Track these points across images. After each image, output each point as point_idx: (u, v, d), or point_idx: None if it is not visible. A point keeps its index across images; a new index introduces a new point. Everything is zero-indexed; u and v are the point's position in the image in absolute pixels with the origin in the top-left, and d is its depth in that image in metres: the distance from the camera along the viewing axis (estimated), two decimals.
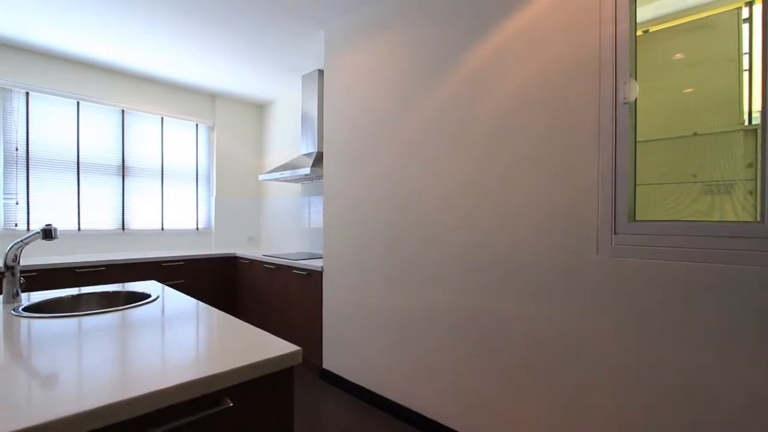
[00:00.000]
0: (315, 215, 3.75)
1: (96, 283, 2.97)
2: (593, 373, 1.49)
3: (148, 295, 1.53)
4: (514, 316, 1.73)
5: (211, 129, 4.28)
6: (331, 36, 2.75)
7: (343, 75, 2.66)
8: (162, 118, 3.91)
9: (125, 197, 3.66)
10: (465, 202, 1.93)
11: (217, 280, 3.72)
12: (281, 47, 3.03)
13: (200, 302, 1.42)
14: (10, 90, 3.08)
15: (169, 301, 1.45)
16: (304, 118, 3.51)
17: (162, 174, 3.91)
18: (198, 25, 2.69)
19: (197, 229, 4.18)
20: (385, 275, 2.32)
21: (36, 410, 0.62)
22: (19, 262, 1.40)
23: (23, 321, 1.14)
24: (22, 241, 1.38)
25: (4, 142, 3.05)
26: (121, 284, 1.79)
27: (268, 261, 3.32)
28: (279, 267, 3.21)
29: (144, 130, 3.80)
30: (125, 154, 3.66)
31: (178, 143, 4.05)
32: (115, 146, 3.61)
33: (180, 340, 0.99)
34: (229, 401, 0.79)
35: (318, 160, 3.15)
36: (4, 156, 3.05)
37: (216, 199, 4.24)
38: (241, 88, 3.99)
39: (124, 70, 3.56)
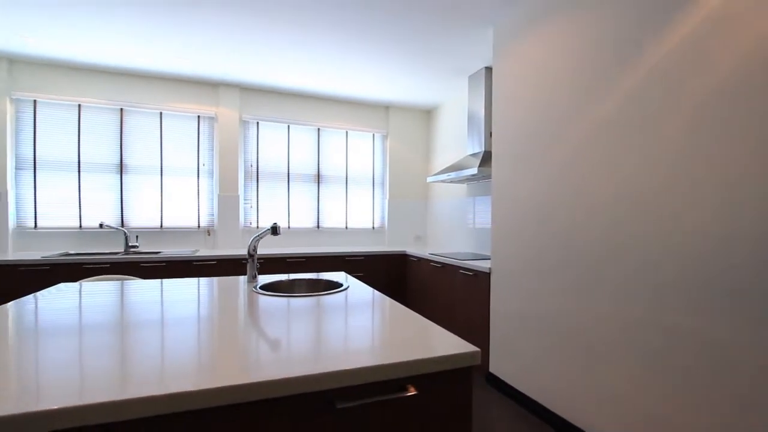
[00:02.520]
0: (479, 215, 3.70)
1: (299, 271, 3.65)
2: None
3: (340, 284, 1.79)
4: (728, 343, 1.31)
5: (385, 137, 4.72)
6: (500, 31, 2.65)
7: (512, 69, 2.53)
8: (346, 132, 4.54)
9: (320, 200, 4.41)
10: (663, 202, 1.57)
11: (389, 275, 4.07)
12: (449, 50, 3.10)
13: (380, 293, 1.58)
14: (248, 121, 4.10)
15: (356, 290, 1.67)
16: (471, 118, 3.49)
17: (346, 180, 4.54)
18: (373, 41, 3.00)
19: (373, 228, 4.67)
20: (560, 283, 2.10)
21: (264, 369, 0.79)
22: (256, 251, 1.83)
23: (259, 297, 1.50)
24: (258, 235, 1.81)
25: (244, 161, 4.08)
26: (316, 273, 2.14)
27: (434, 260, 3.45)
28: (444, 266, 3.29)
29: (333, 143, 4.48)
30: (320, 165, 4.40)
31: (359, 152, 4.62)
32: (312, 159, 4.39)
33: (368, 326, 1.12)
34: (413, 389, 0.85)
35: (485, 159, 3.09)
36: (244, 171, 4.08)
37: (389, 200, 4.65)
38: (411, 96, 4.27)
39: (320, 95, 4.27)
